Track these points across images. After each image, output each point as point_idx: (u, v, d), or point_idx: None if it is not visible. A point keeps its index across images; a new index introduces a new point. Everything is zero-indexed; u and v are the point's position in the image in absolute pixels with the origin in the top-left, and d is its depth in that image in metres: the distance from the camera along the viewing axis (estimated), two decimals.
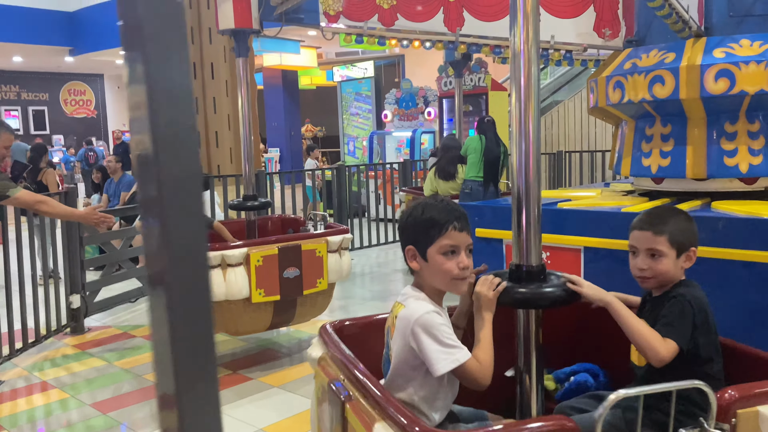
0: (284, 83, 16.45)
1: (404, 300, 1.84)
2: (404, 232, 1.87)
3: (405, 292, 1.87)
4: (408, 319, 1.76)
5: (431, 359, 1.71)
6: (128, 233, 5.99)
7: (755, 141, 3.38)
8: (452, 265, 1.79)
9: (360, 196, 9.60)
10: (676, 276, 1.94)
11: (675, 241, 1.90)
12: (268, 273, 3.75)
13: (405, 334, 1.76)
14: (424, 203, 1.86)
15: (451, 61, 7.02)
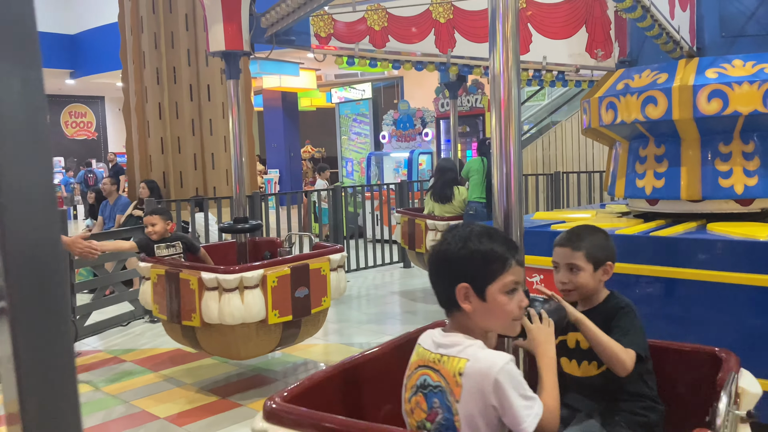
0: (284, 105, 16.50)
1: (461, 352, 1.51)
2: (455, 266, 1.55)
3: (454, 342, 1.54)
4: (486, 374, 1.45)
5: (519, 416, 1.44)
6: (121, 256, 5.94)
7: (750, 162, 3.33)
8: (514, 306, 1.56)
9: (357, 217, 9.56)
10: (595, 288, 2.08)
11: (591, 256, 2.05)
12: (282, 293, 3.76)
13: (484, 391, 1.45)
14: (478, 230, 1.57)
15: (446, 83, 7.01)
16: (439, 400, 1.51)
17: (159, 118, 7.84)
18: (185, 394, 4.07)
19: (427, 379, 1.54)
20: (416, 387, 1.57)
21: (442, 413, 1.50)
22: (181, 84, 7.81)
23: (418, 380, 1.57)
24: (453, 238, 1.57)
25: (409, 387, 1.60)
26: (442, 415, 1.51)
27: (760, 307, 2.79)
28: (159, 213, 4.30)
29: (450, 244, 1.56)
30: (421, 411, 1.55)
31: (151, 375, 4.48)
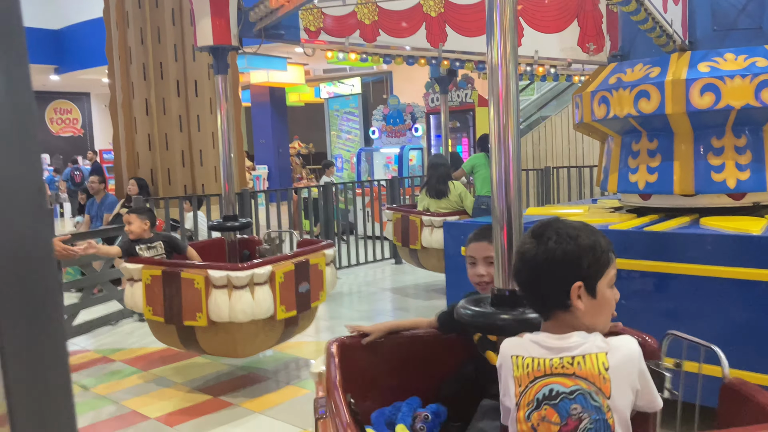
0: (272, 100, 16.40)
1: (592, 347, 1.45)
2: (566, 265, 1.47)
3: (578, 341, 1.46)
4: (632, 359, 1.44)
5: (654, 393, 1.47)
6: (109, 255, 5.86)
7: (742, 156, 3.33)
8: (614, 300, 1.54)
9: (348, 213, 9.52)
10: None
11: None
12: (288, 289, 3.79)
13: (632, 379, 1.43)
14: (574, 225, 1.52)
15: (436, 78, 6.98)
16: (580, 405, 1.41)
17: (146, 114, 7.75)
18: (176, 394, 4.03)
19: (556, 387, 1.43)
20: (538, 401, 1.44)
21: (589, 416, 1.41)
22: (168, 80, 7.72)
23: (540, 392, 1.44)
24: (554, 237, 1.48)
25: (525, 404, 1.46)
26: (588, 418, 1.41)
27: (753, 302, 2.79)
28: (135, 212, 4.22)
29: (554, 243, 1.47)
30: (551, 424, 1.42)
31: (141, 374, 4.43)
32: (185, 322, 3.68)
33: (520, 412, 1.46)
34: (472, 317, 1.77)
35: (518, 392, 1.47)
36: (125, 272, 3.96)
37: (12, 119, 0.51)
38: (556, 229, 1.49)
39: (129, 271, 3.91)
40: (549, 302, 1.50)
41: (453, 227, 4.00)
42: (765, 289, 2.75)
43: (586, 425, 1.40)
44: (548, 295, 1.49)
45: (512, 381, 1.49)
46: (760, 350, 2.77)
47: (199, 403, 3.87)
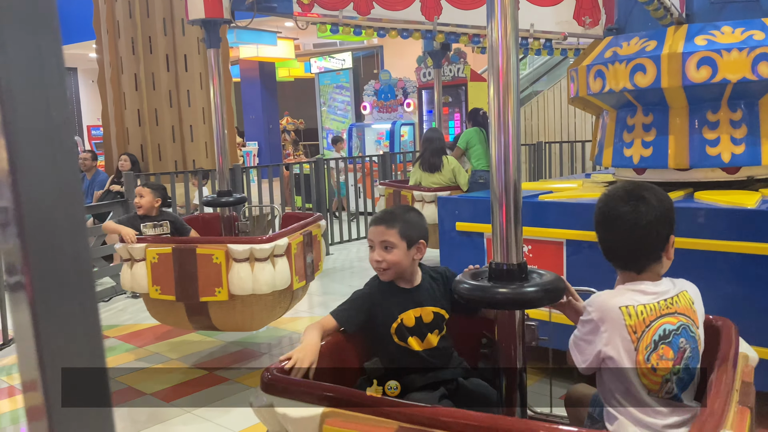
0: (261, 75, 16.22)
1: (677, 288, 1.72)
2: (663, 221, 1.67)
3: (667, 286, 1.71)
4: (698, 292, 1.77)
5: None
6: (100, 231, 5.83)
7: (737, 130, 3.33)
8: None
9: (339, 189, 9.50)
10: (409, 267, 2.13)
11: (405, 234, 2.09)
12: (300, 260, 3.91)
13: (703, 311, 1.77)
14: (649, 186, 1.73)
15: (429, 51, 6.91)
16: (685, 338, 1.63)
17: (135, 89, 7.65)
18: (171, 370, 4.04)
19: (667, 327, 1.62)
20: (654, 342, 1.61)
21: (689, 346, 1.63)
22: (158, 54, 7.62)
23: (656, 334, 1.61)
24: (653, 198, 1.66)
25: (644, 348, 1.61)
26: (689, 348, 1.64)
27: (746, 274, 2.80)
28: (150, 186, 4.25)
29: (656, 203, 1.66)
30: (668, 361, 1.61)
31: (136, 351, 4.43)
32: (202, 298, 3.66)
33: (640, 356, 1.61)
34: (470, 291, 1.77)
35: (635, 338, 1.61)
36: (122, 252, 3.83)
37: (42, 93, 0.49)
38: (651, 190, 1.68)
39: (130, 250, 3.78)
40: (650, 256, 1.68)
41: (448, 202, 3.99)
42: (759, 263, 2.77)
43: (688, 355, 1.63)
44: (650, 249, 1.67)
45: (624, 330, 1.62)
46: (753, 322, 2.79)
47: (194, 378, 3.88)
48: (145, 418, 3.36)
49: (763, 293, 2.76)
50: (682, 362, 1.62)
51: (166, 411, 3.43)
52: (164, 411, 3.43)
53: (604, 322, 1.64)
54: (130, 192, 5.89)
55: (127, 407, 3.52)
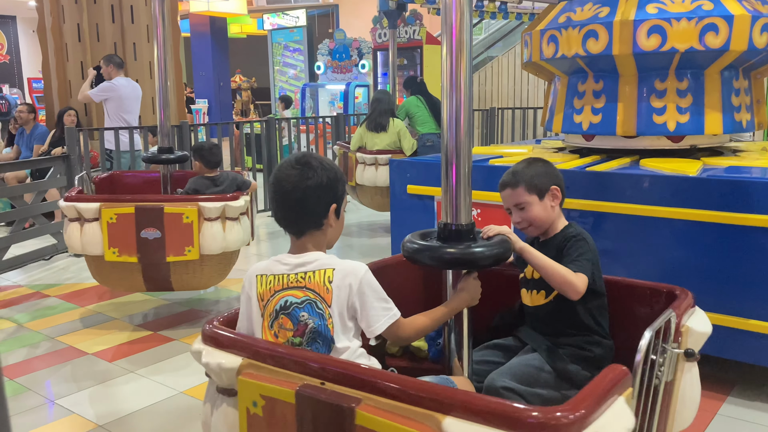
0: (212, 31, 15.75)
1: (328, 263, 1.71)
2: (331, 188, 1.72)
3: (315, 256, 1.73)
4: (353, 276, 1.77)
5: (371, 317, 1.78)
6: (41, 187, 5.63)
7: (683, 99, 3.39)
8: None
9: (291, 150, 9.36)
10: (551, 217, 2.11)
11: (532, 186, 2.08)
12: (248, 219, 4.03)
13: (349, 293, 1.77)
14: (329, 159, 1.80)
15: (385, 11, 6.80)
16: (308, 312, 1.65)
17: (78, 40, 7.33)
18: (114, 330, 3.95)
19: (290, 299, 1.66)
20: (276, 311, 1.67)
21: (314, 322, 1.65)
22: (102, 4, 7.29)
23: (278, 305, 1.67)
24: (319, 166, 1.71)
25: (268, 315, 1.68)
26: (313, 323, 1.65)
27: (688, 240, 2.89)
28: (192, 150, 4.39)
29: (321, 171, 1.70)
30: (286, 331, 1.66)
31: (78, 310, 4.32)
32: (169, 258, 3.62)
33: (265, 323, 1.68)
34: (419, 251, 1.77)
35: (261, 305, 1.69)
36: (69, 211, 3.65)
37: None
38: (318, 159, 1.72)
39: (80, 209, 3.61)
40: (309, 221, 1.71)
41: (399, 165, 3.98)
42: (699, 229, 2.85)
43: (312, 327, 1.64)
44: (312, 215, 1.70)
45: (255, 296, 1.70)
46: (692, 287, 2.88)
47: (138, 338, 3.81)
48: (87, 378, 3.29)
49: (704, 259, 2.85)
50: (305, 335, 1.64)
51: (109, 371, 3.36)
52: (107, 371, 3.36)
53: (245, 288, 1.74)
54: (72, 148, 5.67)
55: (69, 366, 3.44)
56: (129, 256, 3.63)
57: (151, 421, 2.85)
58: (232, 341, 1.61)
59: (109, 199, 3.70)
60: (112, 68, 6.35)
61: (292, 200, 1.68)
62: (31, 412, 2.95)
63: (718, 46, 3.17)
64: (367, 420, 1.31)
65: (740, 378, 3.04)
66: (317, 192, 1.69)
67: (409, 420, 1.27)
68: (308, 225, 1.71)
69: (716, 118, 3.37)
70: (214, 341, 1.64)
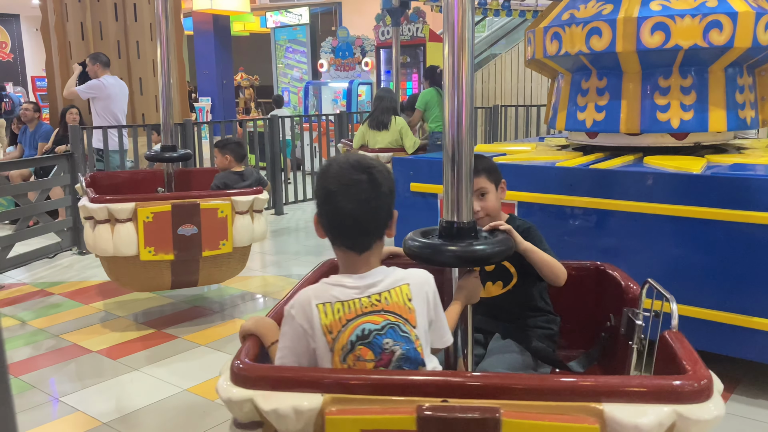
0: (215, 29, 15.73)
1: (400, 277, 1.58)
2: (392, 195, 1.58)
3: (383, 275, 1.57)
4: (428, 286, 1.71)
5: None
6: (45, 185, 5.64)
7: (687, 96, 3.38)
8: None
9: (294, 148, 9.37)
10: (499, 209, 2.20)
11: (491, 176, 2.16)
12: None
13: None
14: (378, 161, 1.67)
15: (388, 9, 6.79)
16: (392, 338, 1.46)
17: (81, 39, 7.33)
18: (118, 327, 3.97)
19: (367, 326, 1.46)
20: (351, 343, 1.45)
21: (401, 347, 1.46)
22: (105, 2, 7.29)
23: (353, 335, 1.45)
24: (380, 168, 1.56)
25: (340, 349, 1.45)
26: (400, 349, 1.46)
27: (692, 238, 2.88)
28: (216, 146, 4.48)
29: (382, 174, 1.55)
30: (365, 362, 1.45)
31: (82, 308, 4.33)
32: (205, 253, 3.72)
33: (336, 357, 1.45)
34: (420, 248, 1.77)
35: (330, 339, 1.45)
36: (98, 213, 3.53)
37: None
38: (373, 160, 1.56)
39: (113, 211, 3.53)
40: (378, 233, 1.55)
41: (402, 163, 3.98)
42: (703, 226, 2.85)
43: (399, 355, 1.46)
44: (382, 225, 1.55)
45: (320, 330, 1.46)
46: (695, 284, 2.89)
47: (142, 336, 3.82)
48: (91, 376, 3.30)
49: (707, 256, 2.85)
50: (391, 364, 1.45)
51: (114, 368, 3.37)
52: (111, 368, 3.37)
53: (303, 321, 1.48)
54: (75, 146, 5.68)
55: (74, 364, 3.45)
56: (165, 254, 3.64)
57: (155, 419, 2.85)
58: (311, 378, 1.32)
59: (143, 198, 3.69)
60: (98, 67, 6.34)
61: (364, 211, 1.50)
62: (36, 409, 2.96)
63: (722, 43, 3.16)
64: (517, 427, 1.21)
65: (744, 375, 3.03)
66: (388, 199, 1.54)
67: (563, 416, 1.22)
68: (376, 237, 1.55)
69: (720, 116, 3.36)
70: (274, 382, 1.32)
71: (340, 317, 1.45)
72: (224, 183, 4.24)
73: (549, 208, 3.27)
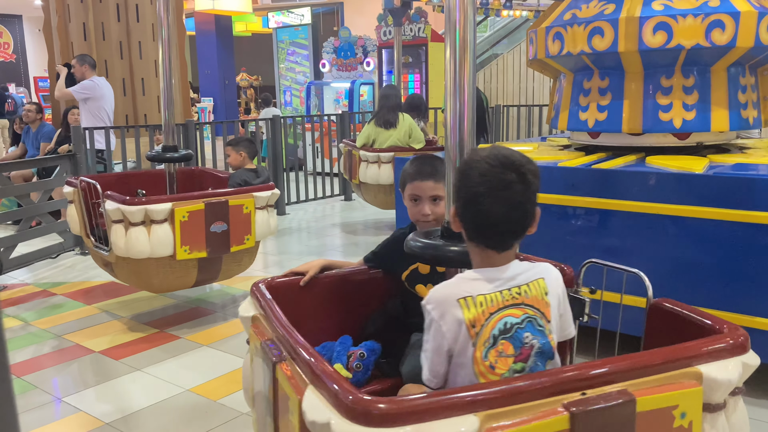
0: (217, 29, 15.77)
1: (537, 271, 1.55)
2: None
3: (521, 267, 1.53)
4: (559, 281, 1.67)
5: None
6: (47, 185, 5.65)
7: (689, 96, 3.38)
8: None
9: (296, 148, 9.38)
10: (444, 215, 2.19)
11: (444, 183, 2.06)
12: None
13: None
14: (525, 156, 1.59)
15: (390, 9, 6.79)
16: (531, 332, 1.45)
17: (84, 39, 7.35)
18: (121, 327, 3.97)
19: (509, 320, 1.44)
20: (494, 337, 1.43)
21: (538, 342, 1.46)
22: (107, 3, 7.31)
23: (495, 329, 1.43)
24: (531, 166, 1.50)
25: (482, 344, 1.42)
26: (537, 344, 1.46)
27: (694, 238, 2.88)
28: (230, 144, 4.54)
29: (533, 173, 1.48)
30: (507, 357, 1.43)
31: (85, 308, 4.34)
32: (233, 248, 3.84)
33: (477, 353, 1.42)
34: (422, 249, 1.77)
35: (473, 333, 1.42)
36: (134, 216, 3.48)
37: None
38: (524, 160, 1.49)
39: (150, 212, 3.50)
40: (524, 231, 1.50)
41: (403, 164, 3.97)
42: (705, 226, 2.84)
43: (537, 350, 1.46)
44: (531, 222, 1.49)
45: (462, 325, 1.43)
46: (698, 284, 2.88)
47: (144, 336, 3.82)
48: (93, 376, 3.30)
49: (710, 256, 2.84)
50: (529, 359, 1.44)
51: (116, 368, 3.38)
52: (114, 368, 3.38)
53: (443, 319, 1.45)
54: (78, 147, 5.69)
55: (76, 364, 3.45)
56: (199, 252, 3.70)
57: (157, 419, 2.86)
58: (459, 401, 1.19)
59: (178, 198, 3.70)
60: (86, 68, 6.35)
61: (515, 215, 1.45)
62: (38, 409, 2.96)
63: (725, 42, 3.15)
64: (648, 402, 1.29)
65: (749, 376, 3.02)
66: (535, 197, 1.48)
67: (674, 384, 1.34)
68: (521, 237, 1.50)
69: (723, 115, 3.35)
70: (423, 412, 1.15)
71: (483, 310, 1.43)
72: (244, 180, 4.32)
73: (551, 208, 3.27)
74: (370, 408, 1.15)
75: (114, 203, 3.55)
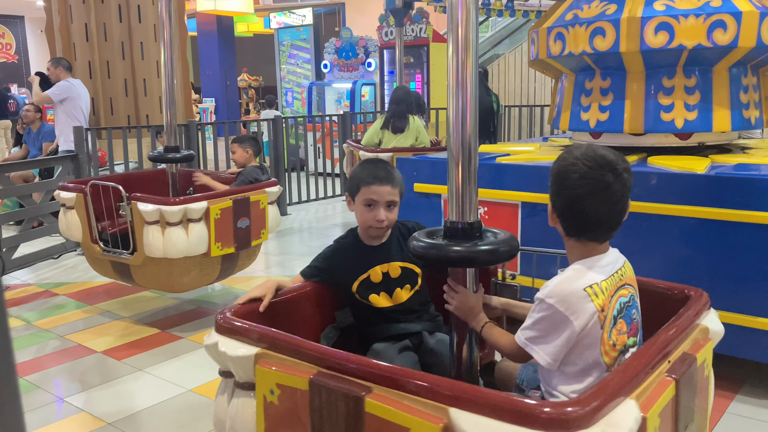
0: (219, 30, 15.80)
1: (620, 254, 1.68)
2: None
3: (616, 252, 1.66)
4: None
5: None
6: (49, 186, 5.65)
7: (691, 96, 3.38)
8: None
9: (298, 149, 9.38)
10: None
11: (400, 191, 2.14)
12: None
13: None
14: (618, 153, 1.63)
15: (391, 9, 6.78)
16: (635, 309, 1.62)
17: (86, 40, 7.36)
18: (123, 328, 3.98)
19: (621, 299, 1.57)
20: (614, 317, 1.53)
21: (639, 317, 1.63)
22: (109, 4, 7.32)
23: (614, 310, 1.54)
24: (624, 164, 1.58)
25: (608, 325, 1.51)
26: (639, 319, 1.63)
27: (696, 238, 2.88)
28: (237, 141, 4.59)
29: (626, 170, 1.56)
30: (624, 335, 1.57)
31: (86, 308, 4.34)
32: (253, 242, 3.98)
33: (605, 335, 1.52)
34: (425, 248, 1.77)
35: (602, 317, 1.51)
36: (173, 216, 3.50)
37: None
38: (619, 159, 1.56)
39: (189, 211, 3.54)
40: (620, 225, 1.60)
41: (406, 163, 3.98)
42: (707, 226, 2.84)
43: (640, 325, 1.64)
44: (623, 218, 1.59)
45: (594, 312, 1.50)
46: (699, 284, 2.87)
47: (146, 336, 3.83)
48: (96, 376, 3.31)
49: (711, 256, 2.84)
50: (637, 334, 1.59)
51: (118, 369, 3.38)
52: (116, 369, 3.38)
53: (572, 310, 1.49)
54: (79, 146, 5.70)
55: (78, 364, 3.46)
56: (228, 248, 3.81)
57: (159, 419, 2.86)
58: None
59: (211, 196, 3.76)
60: (61, 70, 6.35)
61: (615, 212, 1.55)
62: (41, 409, 2.97)
63: (727, 42, 3.15)
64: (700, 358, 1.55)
65: (749, 376, 3.02)
66: (630, 190, 1.58)
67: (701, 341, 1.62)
68: (617, 229, 1.59)
69: (724, 115, 3.35)
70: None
71: (607, 295, 1.53)
72: (255, 177, 4.36)
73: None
74: (568, 413, 1.16)
75: (151, 205, 3.57)
